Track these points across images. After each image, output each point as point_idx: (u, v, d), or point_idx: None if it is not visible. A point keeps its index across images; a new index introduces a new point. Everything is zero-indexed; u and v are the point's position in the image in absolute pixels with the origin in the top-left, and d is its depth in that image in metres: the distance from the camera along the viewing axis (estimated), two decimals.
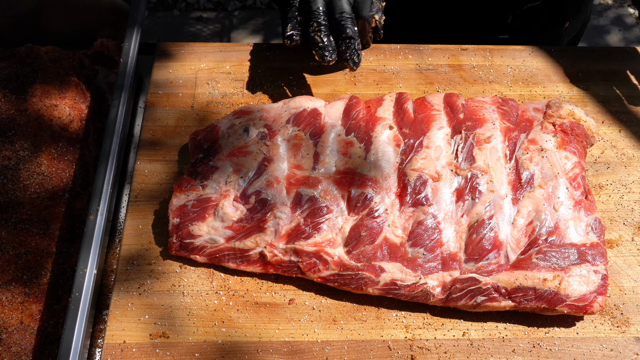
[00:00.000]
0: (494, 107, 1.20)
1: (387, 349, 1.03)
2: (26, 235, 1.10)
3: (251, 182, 1.11)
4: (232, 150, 1.15)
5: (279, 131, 1.17)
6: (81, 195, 1.18)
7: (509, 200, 1.09)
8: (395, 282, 1.04)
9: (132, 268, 1.09)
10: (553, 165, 1.12)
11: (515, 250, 1.06)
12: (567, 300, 1.02)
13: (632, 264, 1.12)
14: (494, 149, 1.14)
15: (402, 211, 1.09)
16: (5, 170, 1.14)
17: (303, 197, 1.09)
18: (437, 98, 1.22)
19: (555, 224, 1.07)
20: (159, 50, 1.37)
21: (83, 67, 1.32)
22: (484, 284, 1.03)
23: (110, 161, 1.12)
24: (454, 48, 1.40)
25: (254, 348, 1.02)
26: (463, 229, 1.08)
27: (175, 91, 1.31)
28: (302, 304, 1.07)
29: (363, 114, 1.19)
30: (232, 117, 1.20)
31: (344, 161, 1.13)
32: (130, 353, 1.01)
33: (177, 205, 1.10)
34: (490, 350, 1.03)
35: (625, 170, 1.24)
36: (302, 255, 1.06)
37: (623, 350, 1.03)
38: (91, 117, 1.27)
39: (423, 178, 1.11)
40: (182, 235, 1.08)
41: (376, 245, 1.06)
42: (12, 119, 1.20)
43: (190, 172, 1.14)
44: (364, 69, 1.37)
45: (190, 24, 3.23)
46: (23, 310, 1.04)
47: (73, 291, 0.98)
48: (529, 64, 1.38)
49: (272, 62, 1.37)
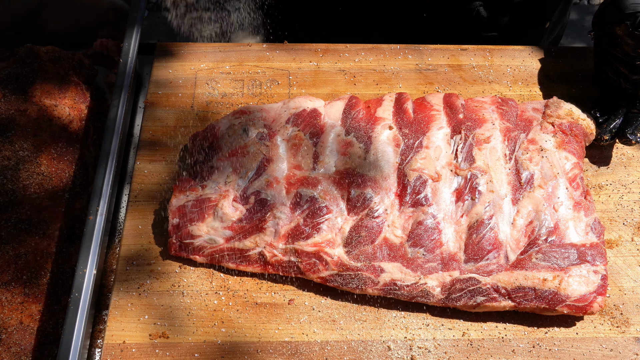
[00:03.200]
0: (493, 107, 1.20)
1: (387, 349, 1.03)
2: (26, 235, 1.10)
3: (251, 182, 1.11)
4: (232, 151, 1.15)
5: (278, 131, 1.17)
6: (81, 195, 1.18)
7: (508, 201, 1.09)
8: (395, 282, 1.04)
9: (131, 268, 1.09)
10: (553, 165, 1.12)
11: (515, 250, 1.06)
12: (567, 300, 1.02)
13: (631, 264, 1.12)
14: (493, 149, 1.14)
15: (402, 211, 1.09)
16: (5, 170, 1.14)
17: (303, 198, 1.09)
18: (436, 98, 1.22)
19: (555, 224, 1.07)
20: (159, 50, 1.37)
21: (83, 67, 1.32)
22: (483, 284, 1.03)
23: (110, 161, 1.12)
24: (453, 48, 1.40)
25: (253, 348, 1.02)
26: (463, 229, 1.08)
27: (175, 91, 1.31)
28: (302, 304, 1.07)
29: (363, 114, 1.19)
30: (231, 117, 1.20)
31: (343, 161, 1.13)
32: (129, 353, 1.01)
33: (176, 206, 1.10)
34: (490, 350, 1.03)
35: (625, 170, 1.24)
36: (301, 256, 1.06)
37: (623, 350, 1.03)
38: (91, 117, 1.27)
39: (423, 178, 1.11)
40: (181, 235, 1.08)
41: (376, 245, 1.06)
42: (12, 119, 1.20)
43: (190, 172, 1.14)
44: (363, 69, 1.37)
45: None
46: (23, 310, 1.04)
47: (73, 291, 0.98)
48: (528, 64, 1.38)
49: (272, 62, 1.37)
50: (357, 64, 1.37)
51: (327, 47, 1.39)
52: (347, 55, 1.39)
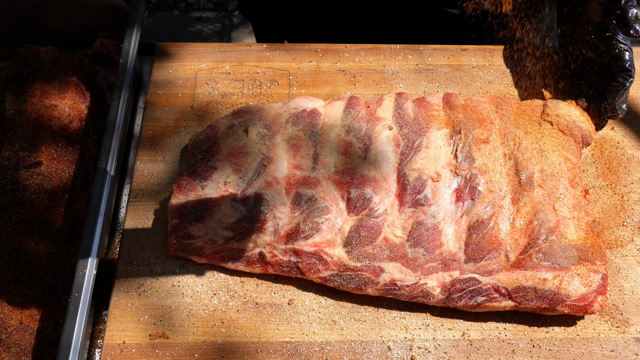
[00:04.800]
0: (493, 107, 1.20)
1: (387, 349, 1.03)
2: (26, 236, 1.10)
3: (250, 182, 1.11)
4: (232, 151, 1.15)
5: (278, 131, 1.17)
6: (81, 195, 1.18)
7: (508, 200, 1.09)
8: (395, 282, 1.04)
9: (131, 268, 1.09)
10: (552, 165, 1.12)
11: (515, 250, 1.06)
12: (567, 300, 1.02)
13: (632, 264, 1.12)
14: (493, 148, 1.14)
15: (402, 211, 1.09)
16: (5, 171, 1.14)
17: (302, 198, 1.09)
18: (436, 98, 1.22)
19: (555, 224, 1.07)
20: (159, 50, 1.37)
21: (83, 67, 1.32)
22: (484, 284, 1.03)
23: (110, 161, 1.12)
24: (453, 48, 1.40)
25: (253, 348, 1.02)
26: (463, 229, 1.08)
27: (175, 91, 1.31)
28: (302, 304, 1.07)
29: (363, 114, 1.19)
30: (231, 117, 1.20)
31: (343, 161, 1.13)
32: (129, 353, 1.01)
33: (176, 206, 1.10)
34: (490, 350, 1.03)
35: (625, 170, 1.23)
36: (301, 256, 1.06)
37: (623, 350, 1.03)
38: (91, 117, 1.27)
39: (422, 178, 1.11)
40: (181, 235, 1.08)
41: (376, 245, 1.06)
42: (12, 119, 1.20)
43: (190, 172, 1.14)
44: (363, 69, 1.37)
45: (190, 24, 3.23)
46: (23, 310, 1.04)
47: (73, 291, 0.98)
48: (528, 64, 1.38)
49: (272, 62, 1.37)
50: (357, 64, 1.37)
51: (327, 47, 1.39)
52: (347, 55, 1.39)
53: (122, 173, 1.25)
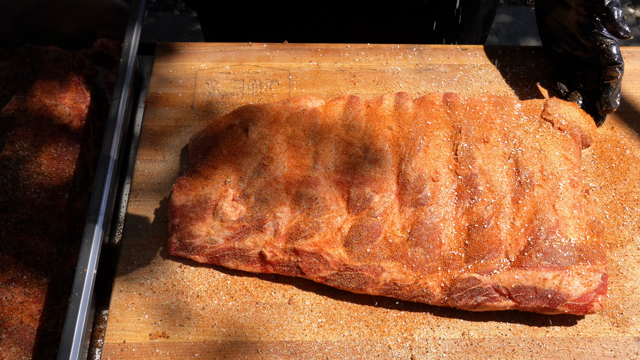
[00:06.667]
0: (493, 106, 1.20)
1: (387, 349, 1.03)
2: (26, 235, 1.10)
3: (250, 182, 1.11)
4: (232, 150, 1.15)
5: (278, 131, 1.17)
6: (81, 195, 1.18)
7: (508, 200, 1.09)
8: (395, 282, 1.04)
9: (132, 268, 1.09)
10: (552, 165, 1.12)
11: (515, 250, 1.06)
12: (567, 299, 1.02)
13: (632, 264, 1.12)
14: (493, 148, 1.14)
15: (402, 211, 1.09)
16: (5, 170, 1.14)
17: (303, 197, 1.09)
18: (436, 97, 1.22)
19: (555, 224, 1.07)
20: (159, 50, 1.37)
21: (83, 67, 1.32)
22: (484, 283, 1.03)
23: (110, 161, 1.12)
24: (453, 48, 1.40)
25: (253, 348, 1.02)
26: (463, 229, 1.08)
27: (175, 91, 1.32)
28: (302, 303, 1.07)
29: (363, 113, 1.19)
30: (231, 117, 1.20)
31: (343, 161, 1.13)
32: (130, 353, 1.01)
33: (176, 205, 1.10)
34: (490, 350, 1.03)
35: (625, 170, 1.23)
36: (301, 255, 1.06)
37: (623, 350, 1.03)
38: (91, 117, 1.27)
39: (423, 178, 1.11)
40: (181, 235, 1.08)
41: (376, 245, 1.06)
42: (12, 119, 1.20)
43: (190, 172, 1.14)
44: (363, 68, 1.37)
45: (190, 23, 3.23)
46: (23, 310, 1.04)
47: (73, 291, 0.98)
48: (528, 64, 1.38)
49: (272, 62, 1.37)
50: (357, 63, 1.37)
51: (327, 47, 1.39)
52: (347, 55, 1.39)
53: (123, 172, 1.25)
